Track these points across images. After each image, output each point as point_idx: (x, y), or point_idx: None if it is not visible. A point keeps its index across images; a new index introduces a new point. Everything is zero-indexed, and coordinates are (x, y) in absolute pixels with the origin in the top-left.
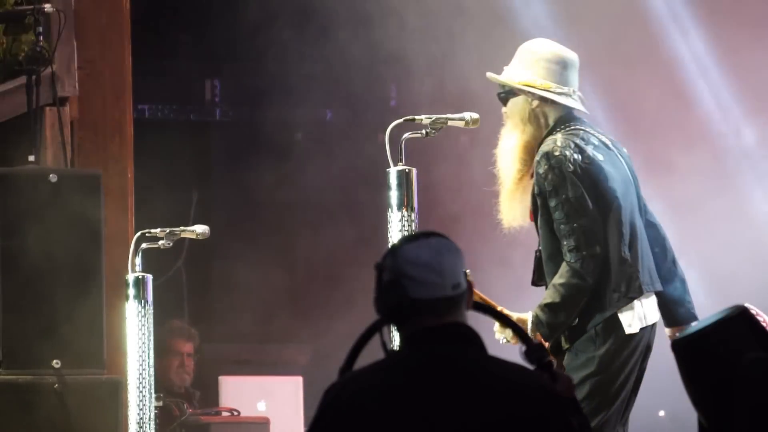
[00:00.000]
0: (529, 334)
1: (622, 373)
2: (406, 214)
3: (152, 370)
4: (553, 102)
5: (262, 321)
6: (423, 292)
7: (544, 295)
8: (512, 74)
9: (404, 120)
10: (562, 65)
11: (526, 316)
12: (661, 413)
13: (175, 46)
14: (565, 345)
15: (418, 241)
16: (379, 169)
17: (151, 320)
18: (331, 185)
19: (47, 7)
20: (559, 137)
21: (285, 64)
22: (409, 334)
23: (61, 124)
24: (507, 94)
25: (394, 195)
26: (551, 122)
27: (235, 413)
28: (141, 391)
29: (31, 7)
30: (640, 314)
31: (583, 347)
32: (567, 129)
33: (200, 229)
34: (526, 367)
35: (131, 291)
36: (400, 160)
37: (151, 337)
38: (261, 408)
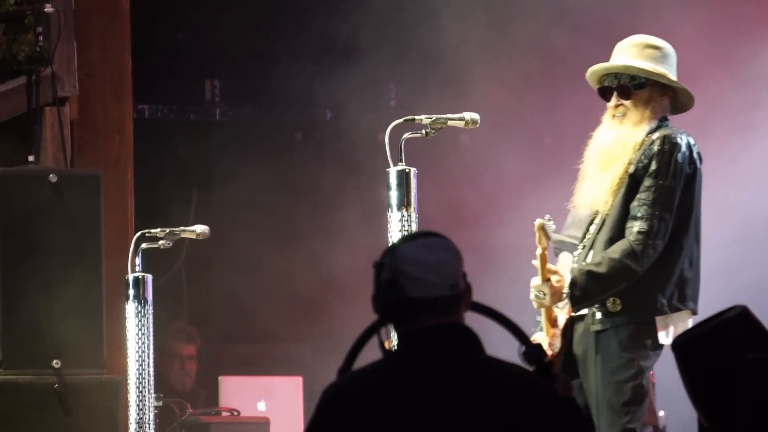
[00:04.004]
0: (565, 292)
1: (646, 381)
2: (405, 214)
3: (152, 370)
4: (677, 100)
5: (262, 321)
6: (421, 291)
7: (592, 259)
8: (647, 66)
9: (404, 120)
10: (676, 64)
11: (564, 275)
12: (661, 413)
13: (175, 46)
14: (596, 325)
15: (417, 241)
16: (379, 169)
17: (151, 320)
18: (331, 185)
19: (47, 7)
20: (676, 130)
21: (285, 64)
22: (406, 333)
23: (61, 124)
24: (637, 86)
25: (394, 195)
26: (661, 118)
27: (235, 413)
28: (141, 391)
29: (31, 7)
30: (671, 331)
31: (628, 343)
32: (676, 128)
33: (200, 229)
34: (524, 368)
35: (131, 291)
36: (400, 160)
37: (151, 337)
38: (261, 408)
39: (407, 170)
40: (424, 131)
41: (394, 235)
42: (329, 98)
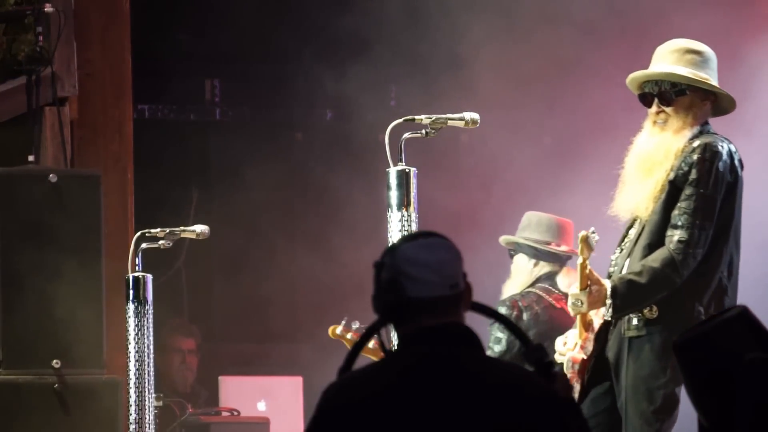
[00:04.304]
0: (607, 301)
1: (679, 390)
2: (405, 214)
3: (152, 370)
4: (719, 103)
5: (262, 321)
6: (421, 291)
7: (632, 268)
8: (687, 73)
9: (404, 120)
10: (716, 68)
11: (605, 282)
12: None
13: (175, 46)
14: (631, 331)
15: (417, 241)
16: (379, 169)
17: (151, 320)
18: (331, 185)
19: (47, 7)
20: (717, 137)
21: (285, 64)
22: (406, 333)
23: (61, 124)
24: (678, 93)
25: (393, 195)
26: (703, 123)
27: (235, 413)
28: (141, 391)
29: (31, 7)
30: None
31: (662, 351)
32: (717, 134)
33: (200, 229)
34: (524, 368)
35: (131, 291)
36: (400, 160)
37: (151, 337)
38: (261, 408)
39: (407, 170)
40: (424, 131)
41: (394, 235)
42: (329, 98)
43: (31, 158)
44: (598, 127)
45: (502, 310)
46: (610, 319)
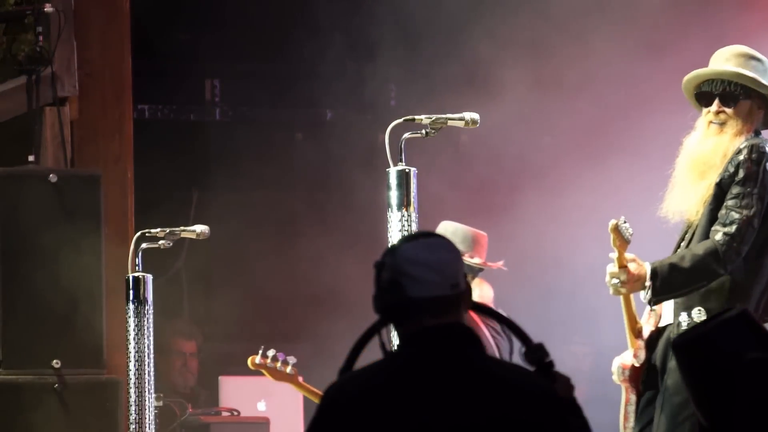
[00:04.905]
0: (646, 283)
1: None
2: (405, 214)
3: (152, 370)
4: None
5: (262, 321)
6: (421, 291)
7: (677, 252)
8: (754, 77)
9: (404, 120)
10: None
11: (644, 264)
12: None
13: (175, 46)
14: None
15: (417, 241)
16: (379, 169)
17: (151, 320)
18: (331, 185)
19: (47, 7)
20: (763, 139)
21: (285, 63)
22: (407, 333)
23: (61, 124)
24: (740, 96)
25: (393, 195)
26: (755, 132)
27: (235, 413)
28: (141, 391)
29: (31, 7)
30: None
31: None
32: (765, 138)
33: (200, 229)
34: (525, 368)
35: (131, 291)
36: (400, 160)
37: (151, 337)
38: (261, 408)
39: (407, 170)
40: (424, 131)
41: (394, 235)
42: (329, 98)
43: (31, 158)
44: (599, 129)
45: None
46: (648, 303)
